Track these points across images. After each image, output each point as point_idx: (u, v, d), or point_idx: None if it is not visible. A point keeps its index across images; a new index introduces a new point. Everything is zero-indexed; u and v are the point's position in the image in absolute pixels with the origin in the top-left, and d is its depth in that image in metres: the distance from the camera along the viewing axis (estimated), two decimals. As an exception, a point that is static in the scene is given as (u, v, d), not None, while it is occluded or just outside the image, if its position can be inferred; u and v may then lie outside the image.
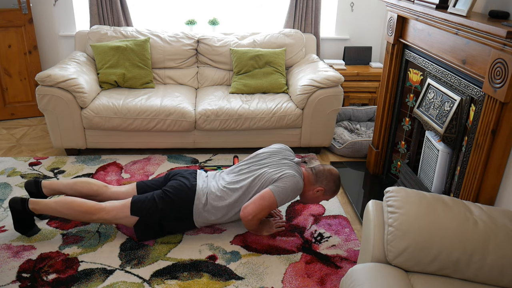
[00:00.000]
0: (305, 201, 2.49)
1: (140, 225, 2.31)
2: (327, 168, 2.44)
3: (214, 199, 2.34)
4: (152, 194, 2.34)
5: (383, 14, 4.27)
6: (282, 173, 2.29)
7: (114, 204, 2.31)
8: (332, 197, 2.47)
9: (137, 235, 2.35)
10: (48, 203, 2.29)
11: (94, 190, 2.46)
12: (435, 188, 2.43)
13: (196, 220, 2.36)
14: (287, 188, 2.26)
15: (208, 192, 2.35)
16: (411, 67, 2.80)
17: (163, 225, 2.35)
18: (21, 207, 2.30)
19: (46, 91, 3.09)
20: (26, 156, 3.36)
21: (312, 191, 2.41)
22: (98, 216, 2.27)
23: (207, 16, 4.23)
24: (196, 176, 2.45)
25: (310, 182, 2.41)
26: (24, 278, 2.09)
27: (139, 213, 2.28)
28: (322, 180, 2.40)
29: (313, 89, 3.29)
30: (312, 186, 2.41)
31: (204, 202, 2.33)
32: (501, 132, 1.86)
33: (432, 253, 1.58)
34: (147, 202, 2.30)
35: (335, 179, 2.41)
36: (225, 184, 2.38)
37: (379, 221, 1.74)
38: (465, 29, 1.95)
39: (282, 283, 2.13)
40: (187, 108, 3.28)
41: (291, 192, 2.28)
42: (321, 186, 2.40)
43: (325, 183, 2.40)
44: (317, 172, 2.43)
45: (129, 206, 2.28)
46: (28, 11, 3.80)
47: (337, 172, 2.44)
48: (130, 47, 3.58)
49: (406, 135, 2.94)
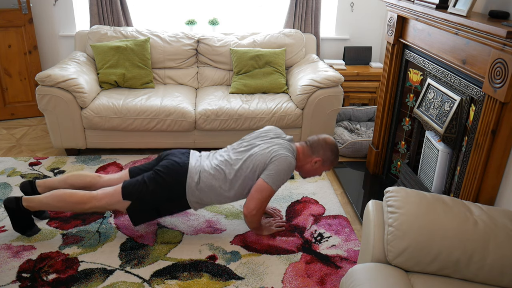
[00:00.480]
0: (305, 175, 2.45)
1: (133, 209, 2.27)
2: (322, 137, 2.39)
3: (207, 177, 2.29)
4: (142, 177, 2.30)
5: (383, 14, 4.27)
6: (272, 156, 2.25)
7: (105, 190, 2.28)
8: (331, 166, 2.42)
9: (131, 219, 2.31)
10: (41, 199, 2.29)
11: (88, 181, 2.45)
12: (435, 188, 2.43)
13: (190, 199, 2.30)
14: (279, 172, 2.23)
15: (201, 170, 2.30)
16: (411, 67, 2.80)
17: (157, 207, 2.31)
18: (15, 205, 2.29)
19: (46, 91, 3.10)
20: (26, 156, 3.36)
21: (310, 163, 2.37)
22: (90, 205, 2.25)
23: (207, 16, 4.23)
24: (189, 155, 2.41)
25: (306, 155, 2.37)
26: (24, 278, 2.09)
27: (130, 197, 2.25)
28: (319, 150, 2.35)
29: (313, 89, 3.29)
30: (309, 159, 2.37)
31: (197, 180, 2.28)
32: (501, 132, 1.86)
33: (432, 253, 1.58)
34: (138, 185, 2.26)
35: (331, 147, 2.36)
36: (218, 163, 2.34)
37: (379, 221, 1.74)
38: (465, 29, 1.95)
39: (282, 283, 2.13)
40: (187, 108, 3.28)
41: (284, 174, 2.25)
42: (318, 156, 2.36)
43: (322, 152, 2.35)
44: (311, 143, 2.38)
45: (120, 190, 2.26)
46: (28, 11, 3.80)
47: (333, 140, 2.39)
48: (130, 47, 3.58)
49: (406, 135, 2.94)
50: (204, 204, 2.38)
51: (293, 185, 3.04)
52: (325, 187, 3.02)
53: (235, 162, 2.32)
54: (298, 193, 2.93)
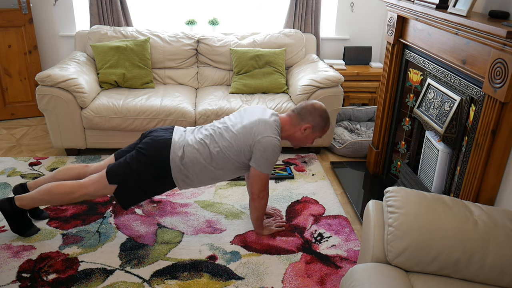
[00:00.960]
0: (296, 144, 2.40)
1: (120, 192, 2.24)
2: (310, 103, 2.31)
3: (191, 151, 2.23)
4: (124, 158, 2.26)
5: (383, 14, 4.27)
6: (255, 139, 2.19)
7: (91, 177, 2.26)
8: (323, 133, 2.36)
9: (120, 203, 2.27)
10: (31, 195, 2.28)
11: (76, 173, 2.43)
12: (435, 188, 2.43)
13: (175, 177, 2.25)
14: (266, 156, 2.20)
15: (185, 144, 2.25)
16: (411, 67, 2.80)
17: (143, 188, 2.26)
18: (9, 206, 2.28)
19: (46, 91, 3.09)
20: (26, 156, 3.36)
21: (299, 131, 2.31)
22: (79, 193, 2.23)
23: (207, 16, 4.23)
24: (173, 131, 2.35)
25: (293, 123, 2.31)
26: (24, 278, 2.09)
27: (116, 180, 2.22)
28: (307, 116, 2.29)
29: (313, 89, 3.29)
30: (297, 127, 2.31)
31: (181, 155, 2.23)
32: (501, 132, 1.86)
33: (432, 253, 1.58)
34: (121, 166, 2.23)
35: (320, 112, 2.29)
36: (202, 137, 2.29)
37: (379, 221, 1.74)
38: (465, 29, 1.95)
39: (282, 283, 2.13)
40: (187, 108, 3.28)
41: (272, 156, 2.21)
42: (307, 123, 2.29)
43: (311, 118, 2.28)
44: (299, 110, 2.31)
45: (105, 175, 2.23)
46: (28, 11, 3.80)
47: (322, 105, 2.32)
48: (130, 47, 3.58)
49: (406, 135, 2.94)
50: (190, 184, 2.31)
51: (293, 185, 3.04)
52: (325, 187, 3.02)
53: (220, 139, 2.26)
54: (298, 193, 2.93)
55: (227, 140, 2.25)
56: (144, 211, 2.68)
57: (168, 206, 2.74)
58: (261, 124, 2.22)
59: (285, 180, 3.10)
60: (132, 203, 2.31)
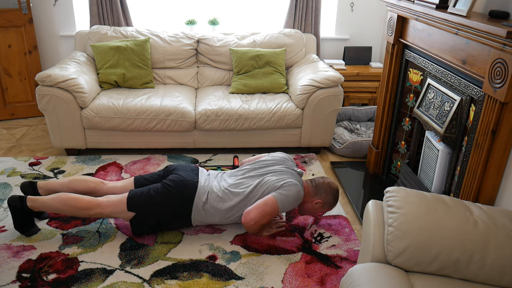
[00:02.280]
0: (303, 212, 2.51)
1: (136, 220, 2.30)
2: (327, 181, 2.45)
3: (215, 199, 2.33)
4: (148, 189, 2.31)
5: (383, 14, 4.27)
6: (285, 181, 2.30)
7: (110, 199, 2.30)
8: (329, 210, 2.49)
9: (132, 230, 2.34)
10: (45, 200, 2.29)
11: (91, 187, 2.46)
12: (435, 188, 2.43)
13: (194, 218, 2.36)
14: (289, 196, 2.27)
15: (209, 191, 2.34)
16: (411, 67, 2.80)
17: (161, 221, 2.34)
18: (19, 205, 2.30)
19: (46, 91, 3.09)
20: (26, 156, 3.36)
21: (311, 203, 2.43)
22: (95, 211, 2.27)
23: (207, 16, 4.23)
24: (198, 173, 2.44)
25: (309, 194, 2.42)
26: (24, 278, 2.09)
27: (136, 209, 2.27)
28: (322, 192, 2.41)
29: (313, 89, 3.29)
30: (311, 198, 2.42)
31: (205, 200, 2.32)
32: (501, 132, 1.86)
33: (432, 253, 1.58)
34: (143, 196, 2.28)
35: (334, 192, 2.43)
36: (227, 186, 2.38)
37: (379, 221, 1.74)
38: (465, 29, 1.95)
39: (282, 283, 2.13)
40: (187, 108, 3.28)
41: (293, 201, 2.29)
42: (320, 198, 2.42)
43: (324, 196, 2.42)
44: (317, 184, 2.44)
45: (125, 201, 2.27)
46: (28, 11, 3.80)
47: (336, 186, 2.46)
48: (130, 47, 3.58)
49: (406, 135, 2.94)
50: (206, 224, 2.44)
51: (293, 185, 3.04)
52: (325, 187, 3.02)
53: (245, 187, 2.35)
54: (298, 193, 2.93)
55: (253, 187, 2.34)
56: (144, 211, 2.68)
57: (168, 206, 2.74)
58: (291, 173, 2.38)
59: (285, 180, 3.10)
60: (144, 232, 2.38)
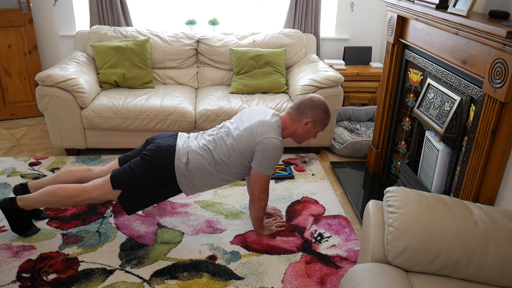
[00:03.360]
0: (299, 140, 2.40)
1: (124, 198, 2.25)
2: (308, 97, 2.30)
3: (195, 157, 2.25)
4: (129, 164, 2.27)
5: (383, 14, 4.27)
6: (256, 140, 2.19)
7: (95, 182, 2.27)
8: (325, 126, 2.36)
9: (124, 209, 2.29)
10: (34, 196, 2.28)
11: (78, 176, 2.43)
12: (435, 188, 2.43)
13: (181, 183, 2.27)
14: (267, 157, 2.20)
15: (189, 151, 2.27)
16: (411, 67, 2.80)
17: (148, 194, 2.28)
18: (11, 206, 2.28)
19: (46, 91, 3.09)
20: (26, 156, 3.36)
21: (300, 127, 2.30)
22: (82, 197, 2.24)
23: (207, 16, 4.23)
24: (177, 137, 2.37)
25: (294, 120, 2.30)
26: (24, 278, 2.09)
27: (120, 186, 2.23)
28: (306, 111, 2.28)
29: (313, 89, 3.29)
30: (298, 123, 2.30)
31: (185, 161, 2.24)
32: (501, 132, 1.86)
33: (432, 253, 1.58)
34: (125, 172, 2.24)
35: (320, 105, 2.28)
36: (206, 142, 2.30)
37: (379, 221, 1.74)
38: (465, 29, 1.95)
39: (282, 283, 2.13)
40: (187, 108, 3.28)
41: (273, 157, 2.21)
42: (307, 117, 2.28)
43: (310, 113, 2.27)
44: (298, 106, 2.30)
45: (109, 181, 2.23)
46: (28, 11, 3.80)
47: (320, 98, 2.31)
48: (130, 47, 3.58)
49: (406, 135, 2.94)
50: (196, 189, 2.33)
51: (293, 185, 3.04)
52: (325, 187, 3.02)
53: (222, 143, 2.28)
54: (298, 193, 2.93)
55: (229, 144, 2.26)
56: (144, 211, 2.67)
57: (168, 206, 2.74)
58: (262, 125, 2.23)
59: (285, 180, 3.10)
60: (136, 208, 2.32)
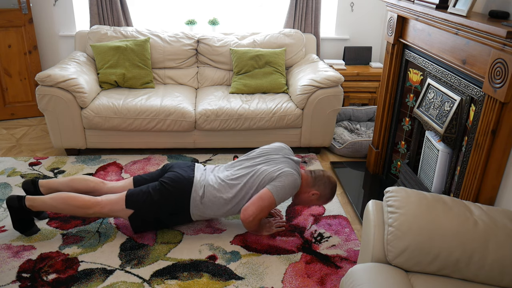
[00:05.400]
0: (298, 202, 2.49)
1: (135, 218, 2.32)
2: (327, 174, 2.44)
3: (212, 192, 2.33)
4: (147, 187, 2.34)
5: (383, 14, 4.27)
6: (280, 171, 2.29)
7: (109, 197, 2.31)
8: (324, 203, 2.48)
9: (132, 227, 2.36)
10: (44, 200, 2.30)
11: (91, 186, 2.47)
12: (435, 188, 2.43)
13: (193, 212, 2.36)
14: (285, 187, 2.26)
15: (205, 184, 2.34)
16: (411, 67, 2.80)
17: (159, 218, 2.36)
18: (18, 204, 2.29)
19: (46, 91, 3.09)
20: (26, 156, 3.36)
21: (307, 193, 2.41)
22: (94, 210, 2.28)
23: (207, 16, 4.23)
24: (194, 168, 2.45)
25: (307, 184, 2.41)
26: (24, 278, 2.09)
27: (134, 206, 2.29)
28: (320, 184, 2.40)
29: (313, 89, 3.29)
30: (308, 189, 2.41)
31: (202, 194, 2.32)
32: (501, 132, 1.86)
33: (432, 253, 1.58)
34: (142, 194, 2.30)
35: (332, 186, 2.41)
36: (223, 177, 2.38)
37: (379, 221, 1.74)
38: (465, 29, 1.95)
39: (282, 283, 2.13)
40: (187, 108, 3.28)
41: (289, 190, 2.28)
42: (317, 190, 2.40)
43: (322, 188, 2.40)
44: (316, 176, 2.43)
45: (124, 199, 2.29)
46: (28, 11, 3.80)
47: (335, 180, 2.45)
48: (130, 47, 3.58)
49: (406, 135, 2.94)
50: (206, 218, 2.43)
51: (293, 185, 3.04)
52: (325, 187, 3.02)
53: (241, 178, 2.35)
54: (298, 193, 2.93)
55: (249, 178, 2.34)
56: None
57: (168, 206, 2.74)
58: (287, 163, 2.35)
59: (285, 180, 3.10)
60: (144, 229, 2.41)
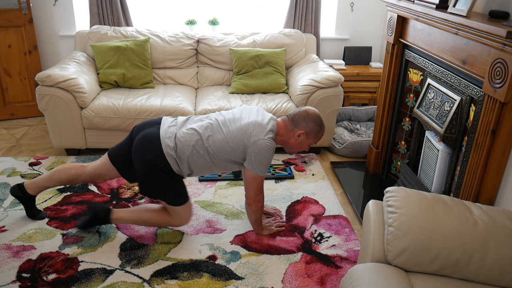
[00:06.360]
0: (290, 150, 2.38)
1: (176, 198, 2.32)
2: (303, 109, 2.30)
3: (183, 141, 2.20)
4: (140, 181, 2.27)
5: (383, 14, 4.27)
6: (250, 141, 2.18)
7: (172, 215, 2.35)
8: (318, 139, 2.35)
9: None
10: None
11: (72, 173, 2.44)
12: (435, 188, 2.43)
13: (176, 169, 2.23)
14: (260, 159, 2.18)
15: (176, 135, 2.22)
16: (411, 67, 2.80)
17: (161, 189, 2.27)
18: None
19: (46, 91, 3.09)
20: (26, 156, 3.36)
21: (293, 137, 2.30)
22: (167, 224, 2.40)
23: (207, 16, 4.23)
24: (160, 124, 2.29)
25: (288, 129, 2.29)
26: (24, 278, 2.09)
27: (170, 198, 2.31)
28: (300, 122, 2.27)
29: (313, 89, 3.29)
30: (291, 133, 2.29)
31: (173, 146, 2.19)
32: (501, 132, 1.86)
33: (432, 253, 1.58)
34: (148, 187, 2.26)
35: (314, 118, 2.27)
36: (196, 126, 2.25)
37: (379, 221, 1.74)
38: (465, 29, 1.95)
39: (282, 283, 2.13)
40: (187, 108, 3.28)
41: (265, 158, 2.19)
42: (300, 129, 2.27)
43: (304, 124, 2.26)
44: (293, 116, 2.29)
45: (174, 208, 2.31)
46: (28, 11, 3.80)
47: (315, 111, 2.30)
48: (130, 47, 3.58)
49: (406, 135, 2.94)
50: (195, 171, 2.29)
51: (293, 185, 3.04)
52: (325, 187, 3.02)
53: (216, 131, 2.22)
54: (298, 193, 2.93)
55: (223, 134, 2.22)
56: (144, 211, 2.67)
57: (168, 206, 2.74)
58: (257, 126, 2.21)
59: (285, 180, 3.10)
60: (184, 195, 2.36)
